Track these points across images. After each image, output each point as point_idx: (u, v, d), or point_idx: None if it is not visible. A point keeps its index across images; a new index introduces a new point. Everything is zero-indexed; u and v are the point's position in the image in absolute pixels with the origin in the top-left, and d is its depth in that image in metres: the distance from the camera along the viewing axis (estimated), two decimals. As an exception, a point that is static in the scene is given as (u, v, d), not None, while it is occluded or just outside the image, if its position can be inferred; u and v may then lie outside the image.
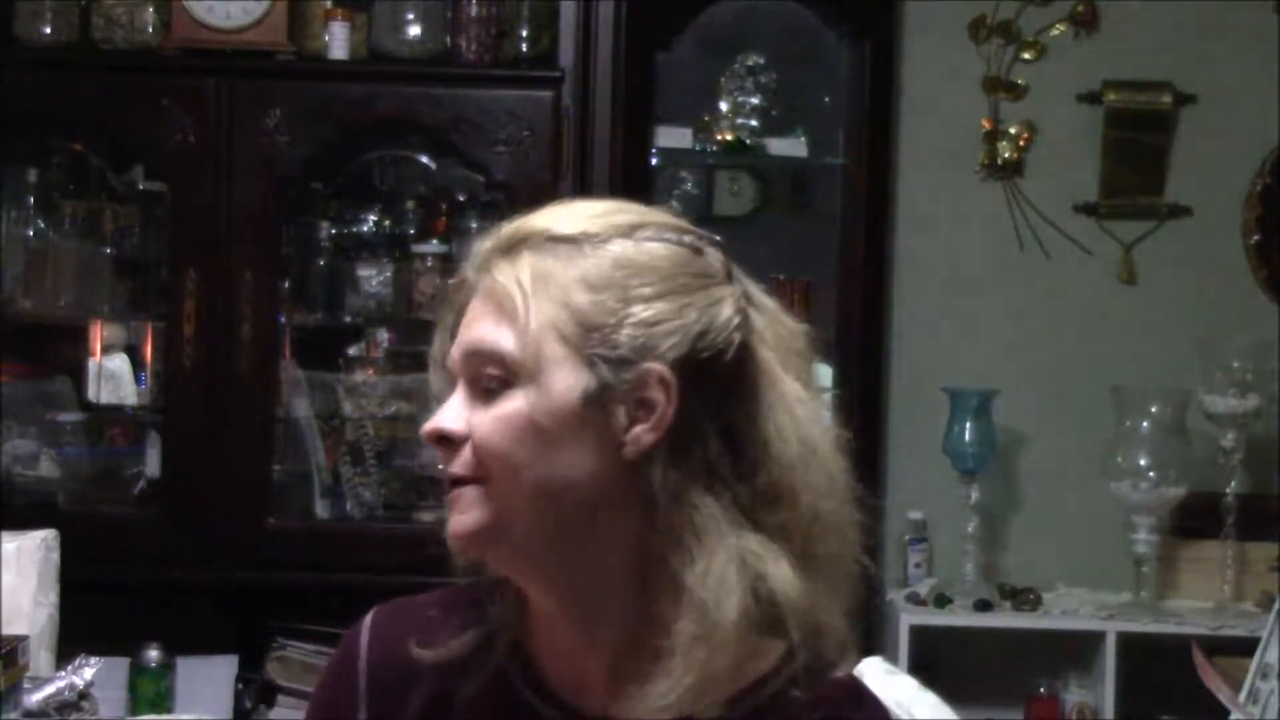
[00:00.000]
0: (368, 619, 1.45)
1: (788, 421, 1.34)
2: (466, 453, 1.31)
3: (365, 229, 3.72)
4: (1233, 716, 2.34)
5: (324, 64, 3.57)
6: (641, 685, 1.31)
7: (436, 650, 1.37)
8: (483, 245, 1.36)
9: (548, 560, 1.32)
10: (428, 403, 1.41)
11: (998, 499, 3.95)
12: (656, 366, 1.30)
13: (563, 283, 1.30)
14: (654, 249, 1.33)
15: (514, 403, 1.30)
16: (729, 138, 3.83)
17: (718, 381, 1.32)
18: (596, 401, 1.29)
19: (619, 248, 1.32)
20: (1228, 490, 3.74)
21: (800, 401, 1.35)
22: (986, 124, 3.99)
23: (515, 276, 1.31)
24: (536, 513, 1.30)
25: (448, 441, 1.32)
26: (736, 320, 1.33)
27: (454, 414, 1.33)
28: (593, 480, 1.31)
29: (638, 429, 1.30)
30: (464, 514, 1.32)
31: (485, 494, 1.31)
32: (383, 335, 3.72)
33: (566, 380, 1.29)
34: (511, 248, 1.33)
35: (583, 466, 1.30)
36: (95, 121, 3.61)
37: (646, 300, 1.31)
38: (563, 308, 1.30)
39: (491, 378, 1.31)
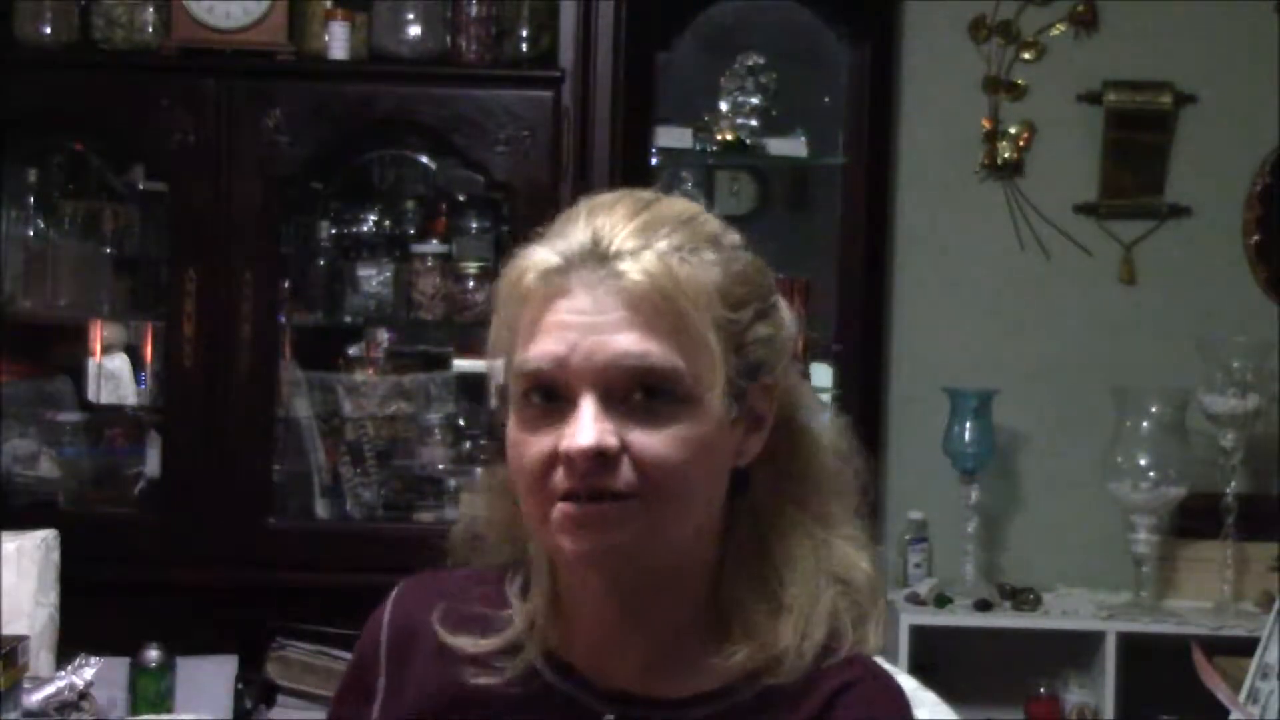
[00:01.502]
0: (395, 590, 1.46)
1: (811, 409, 1.40)
2: (628, 469, 1.27)
3: (365, 229, 3.72)
4: (1233, 716, 2.34)
5: (324, 64, 3.56)
6: (696, 666, 1.33)
7: (460, 630, 1.37)
8: (584, 235, 1.29)
9: (656, 567, 1.32)
10: (428, 402, 1.41)
11: (998, 499, 3.95)
12: (769, 380, 1.33)
13: (711, 297, 1.29)
14: (748, 258, 1.35)
15: (687, 422, 1.28)
16: (729, 138, 3.83)
17: (780, 381, 1.36)
18: (733, 418, 1.31)
19: (724, 256, 1.32)
20: (1228, 490, 3.74)
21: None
22: (986, 124, 3.99)
23: (677, 286, 1.27)
24: (682, 528, 1.31)
25: (602, 458, 1.26)
26: (796, 326, 1.38)
27: (601, 427, 1.26)
28: (720, 492, 1.33)
29: (751, 439, 1.34)
30: (620, 531, 1.27)
31: (645, 509, 1.27)
32: (383, 335, 3.72)
33: (720, 399, 1.29)
34: (637, 249, 1.28)
35: (720, 480, 1.33)
36: (95, 121, 3.61)
37: (762, 317, 1.33)
38: (716, 327, 1.29)
39: (651, 394, 1.27)
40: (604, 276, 1.27)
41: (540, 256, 1.30)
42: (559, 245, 1.30)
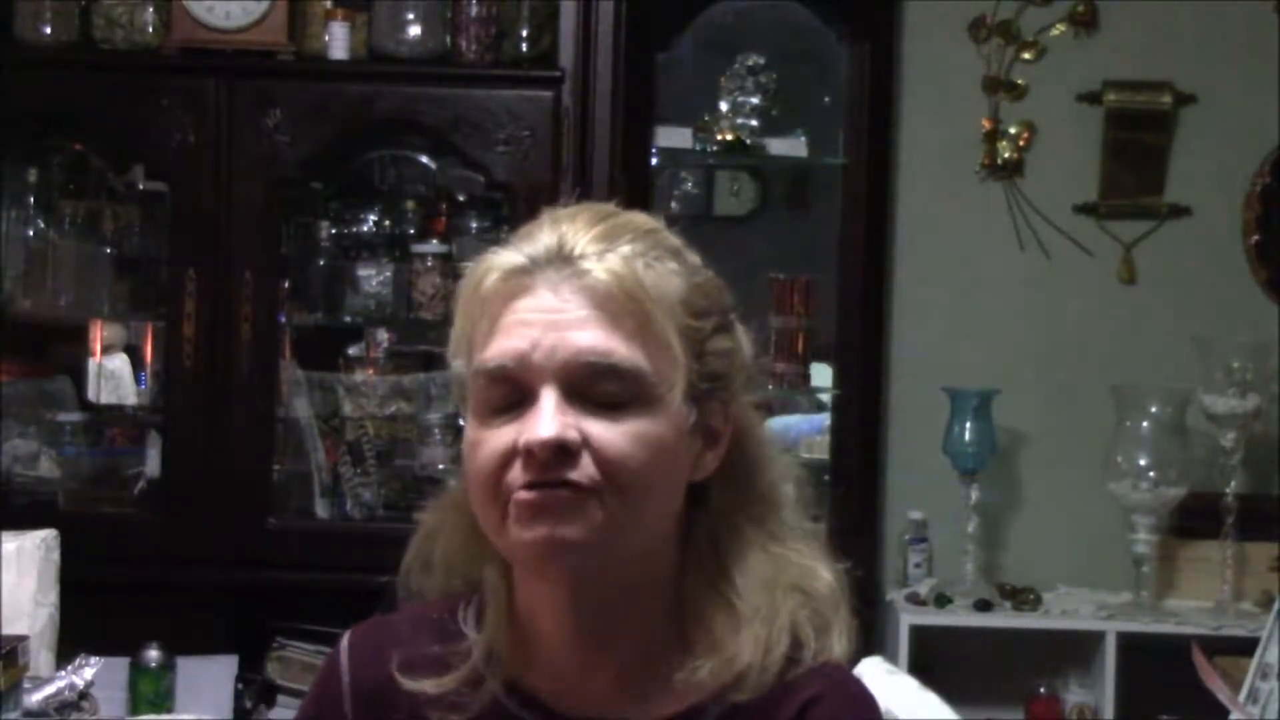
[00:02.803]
0: (344, 641, 1.44)
1: (765, 438, 1.41)
2: (588, 464, 1.27)
3: (365, 229, 3.73)
4: (1233, 716, 2.35)
5: (324, 64, 3.57)
6: (661, 686, 1.32)
7: (419, 672, 1.36)
8: (549, 238, 1.30)
9: (615, 577, 1.31)
10: (428, 402, 1.41)
11: (998, 499, 3.95)
12: (726, 397, 1.34)
13: (674, 302, 1.30)
14: (709, 275, 1.36)
15: (647, 421, 1.28)
16: (729, 138, 3.83)
17: (736, 401, 1.36)
18: (692, 428, 1.32)
19: (686, 269, 1.33)
20: (1227, 490, 3.74)
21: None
22: (986, 124, 3.99)
23: (641, 287, 1.28)
24: (640, 531, 1.30)
25: (563, 451, 1.26)
26: (752, 353, 1.38)
27: (562, 420, 1.26)
28: (675, 504, 1.33)
29: (707, 455, 1.34)
30: (577, 522, 1.27)
31: (604, 504, 1.27)
32: (383, 335, 3.72)
33: (680, 405, 1.30)
34: (601, 252, 1.29)
35: (676, 488, 1.33)
36: (95, 121, 3.61)
37: (722, 331, 1.34)
38: (678, 331, 1.30)
39: (613, 392, 1.27)
40: (569, 275, 1.28)
41: (504, 258, 1.31)
42: (524, 248, 1.31)
